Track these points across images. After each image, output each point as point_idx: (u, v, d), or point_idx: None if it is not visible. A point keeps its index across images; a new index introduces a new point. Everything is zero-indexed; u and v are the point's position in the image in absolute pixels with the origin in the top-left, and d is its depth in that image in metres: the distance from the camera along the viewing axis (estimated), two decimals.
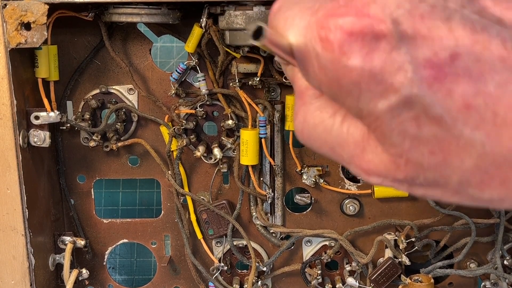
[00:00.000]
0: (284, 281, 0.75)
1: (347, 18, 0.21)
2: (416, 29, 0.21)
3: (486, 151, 0.20)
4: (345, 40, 0.21)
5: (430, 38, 0.21)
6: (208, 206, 0.70)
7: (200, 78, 0.66)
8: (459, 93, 0.20)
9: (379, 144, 0.23)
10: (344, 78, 0.22)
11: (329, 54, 0.22)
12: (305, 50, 0.23)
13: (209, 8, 0.59)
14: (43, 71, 0.60)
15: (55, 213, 0.70)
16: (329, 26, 0.22)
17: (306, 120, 0.26)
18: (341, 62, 0.22)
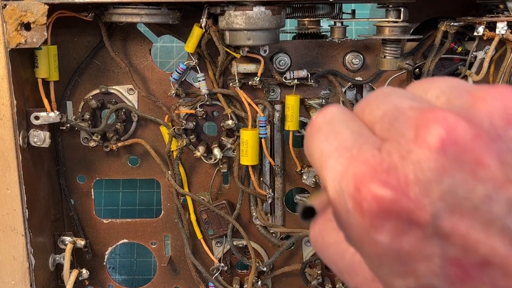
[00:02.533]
0: (284, 281, 0.75)
1: (387, 192, 0.20)
2: (454, 227, 0.20)
3: None
4: (378, 214, 0.20)
5: (466, 239, 0.20)
6: (208, 206, 0.70)
7: (200, 78, 0.66)
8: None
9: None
10: (368, 246, 0.21)
11: (359, 219, 0.21)
12: (337, 198, 0.22)
13: (209, 8, 0.59)
14: (43, 71, 0.60)
15: (55, 213, 0.70)
16: (366, 191, 0.20)
17: (322, 235, 0.26)
18: (369, 232, 0.21)
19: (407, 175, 0.20)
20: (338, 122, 0.24)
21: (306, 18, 0.71)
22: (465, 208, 0.20)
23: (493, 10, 0.61)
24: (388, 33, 0.60)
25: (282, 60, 0.66)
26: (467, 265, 0.20)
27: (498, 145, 0.20)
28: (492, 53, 0.62)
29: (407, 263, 0.20)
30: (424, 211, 0.20)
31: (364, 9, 0.83)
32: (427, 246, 0.20)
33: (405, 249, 0.20)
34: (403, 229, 0.20)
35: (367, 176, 0.20)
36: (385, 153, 0.21)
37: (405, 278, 0.21)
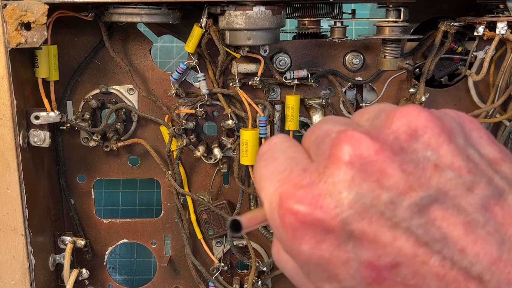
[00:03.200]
0: (284, 281, 0.75)
1: (302, 206, 0.22)
2: (364, 231, 0.22)
3: None
4: (298, 226, 0.23)
5: (375, 242, 0.22)
6: (208, 206, 0.70)
7: (200, 78, 0.66)
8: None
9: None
10: (296, 256, 0.24)
11: (284, 233, 0.23)
12: (270, 215, 0.24)
13: (209, 8, 0.59)
14: (43, 71, 0.60)
15: (55, 213, 0.70)
16: (286, 207, 0.23)
17: (279, 254, 0.28)
18: (294, 244, 0.23)
19: (321, 189, 0.23)
20: (277, 149, 0.27)
21: (306, 18, 0.71)
22: (372, 213, 0.22)
23: (493, 10, 0.61)
24: (388, 33, 0.60)
25: (282, 60, 0.66)
26: (379, 267, 0.22)
27: (401, 157, 0.22)
28: (492, 53, 0.62)
29: (328, 268, 0.23)
30: (335, 219, 0.22)
31: (364, 9, 0.83)
32: (343, 252, 0.22)
33: (325, 256, 0.22)
34: (321, 237, 0.22)
35: (288, 193, 0.23)
36: (308, 172, 0.24)
37: (330, 282, 0.23)
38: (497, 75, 0.64)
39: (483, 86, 0.67)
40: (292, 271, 0.27)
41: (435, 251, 0.21)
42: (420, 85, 0.64)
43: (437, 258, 0.21)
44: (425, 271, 0.21)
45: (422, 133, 0.23)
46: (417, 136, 0.23)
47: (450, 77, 0.68)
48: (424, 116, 0.23)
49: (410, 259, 0.21)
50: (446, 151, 0.23)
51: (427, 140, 0.23)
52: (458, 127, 0.24)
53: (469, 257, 0.21)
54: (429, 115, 0.23)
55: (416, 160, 0.22)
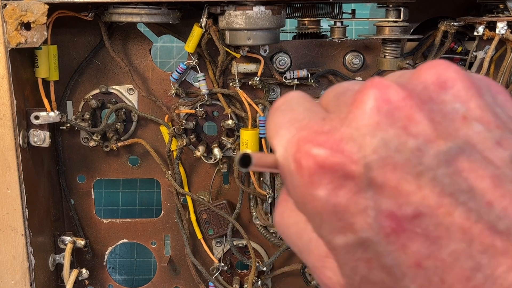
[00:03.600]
0: (284, 281, 0.75)
1: (322, 150, 0.22)
2: (386, 178, 0.21)
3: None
4: (315, 170, 0.22)
5: (398, 191, 0.21)
6: (208, 206, 0.70)
7: (200, 78, 0.66)
8: (413, 250, 0.21)
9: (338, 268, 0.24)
10: (309, 204, 0.23)
11: (299, 178, 0.22)
12: (283, 163, 0.24)
13: (209, 8, 0.59)
14: (43, 71, 0.60)
15: (55, 213, 0.70)
16: (305, 151, 0.22)
17: (283, 217, 0.27)
18: (308, 189, 0.22)
19: (343, 133, 0.22)
20: (294, 101, 0.26)
21: (306, 18, 0.71)
22: (396, 160, 0.21)
23: (493, 10, 0.61)
24: (388, 33, 0.60)
25: (282, 60, 0.66)
26: (400, 217, 0.21)
27: (429, 106, 0.22)
28: (492, 53, 0.62)
29: (344, 217, 0.21)
30: (357, 164, 0.21)
31: (364, 9, 0.83)
32: (361, 199, 0.21)
33: (341, 203, 0.21)
34: (339, 183, 0.21)
35: (307, 138, 0.22)
36: (328, 120, 0.23)
37: (344, 233, 0.22)
38: (497, 75, 0.64)
39: None
40: (295, 236, 0.26)
41: (461, 203, 0.20)
42: None
43: (463, 210, 0.20)
44: (449, 223, 0.20)
45: (452, 85, 0.23)
46: (446, 88, 0.23)
47: None
48: (454, 69, 0.23)
49: (434, 210, 0.20)
50: (475, 105, 0.22)
51: (456, 92, 0.22)
52: (486, 87, 0.24)
53: (496, 211, 0.20)
54: (459, 69, 0.23)
55: (445, 111, 0.22)
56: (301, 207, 0.24)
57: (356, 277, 0.22)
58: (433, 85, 0.23)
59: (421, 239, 0.20)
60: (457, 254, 0.20)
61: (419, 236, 0.20)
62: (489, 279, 0.19)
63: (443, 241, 0.20)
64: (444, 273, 0.20)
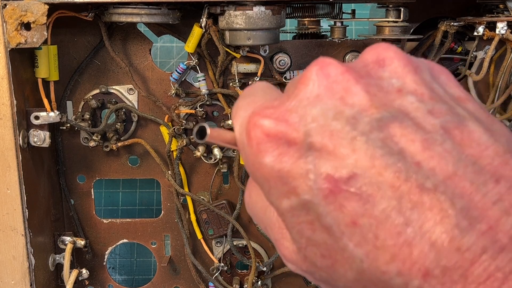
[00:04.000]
0: (284, 281, 0.75)
1: (268, 120, 0.24)
2: (324, 144, 0.23)
3: (363, 268, 0.22)
4: (262, 139, 0.24)
5: (334, 154, 0.22)
6: (208, 206, 0.70)
7: (200, 78, 0.66)
8: (349, 209, 0.22)
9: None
10: (258, 172, 0.24)
11: (249, 149, 0.24)
12: (239, 137, 0.26)
13: (209, 8, 0.59)
14: (43, 71, 0.60)
15: (55, 213, 0.70)
16: (254, 122, 0.24)
17: (251, 196, 0.29)
18: (257, 158, 0.24)
19: (287, 106, 0.24)
20: (257, 88, 0.29)
21: (306, 18, 0.71)
22: (333, 127, 0.23)
23: (493, 10, 0.61)
24: (388, 33, 0.60)
25: (282, 60, 0.66)
26: (336, 179, 0.22)
27: (366, 80, 0.24)
28: (492, 53, 0.62)
29: (288, 181, 0.23)
30: (298, 131, 0.23)
31: (364, 9, 0.83)
32: (303, 164, 0.23)
33: (285, 168, 0.23)
34: (283, 149, 0.23)
35: (257, 113, 0.25)
36: (278, 98, 0.25)
37: (289, 197, 0.24)
38: (497, 75, 0.64)
39: (483, 86, 0.67)
40: (260, 212, 0.28)
41: (391, 163, 0.22)
42: None
43: (393, 170, 0.22)
44: (380, 181, 0.22)
45: (390, 63, 0.25)
46: (384, 65, 0.25)
47: None
48: (393, 49, 0.25)
49: (366, 170, 0.22)
50: (411, 80, 0.24)
51: (393, 69, 0.24)
52: (426, 67, 0.25)
53: (424, 170, 0.21)
54: (398, 49, 0.25)
55: (381, 85, 0.24)
56: (253, 178, 0.26)
57: (302, 240, 0.24)
58: (372, 63, 0.25)
59: (356, 198, 0.22)
60: (389, 211, 0.21)
61: (354, 195, 0.22)
62: (418, 233, 0.21)
63: (376, 199, 0.22)
64: (377, 229, 0.22)
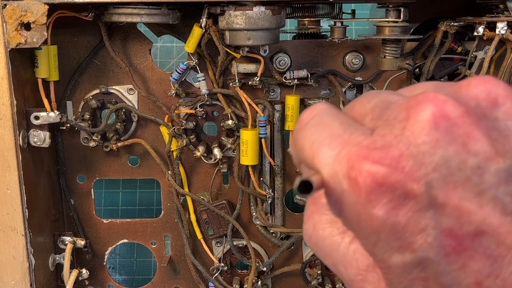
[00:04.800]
0: (284, 281, 0.75)
1: (381, 167, 0.21)
2: (448, 197, 0.21)
3: None
4: (374, 188, 0.21)
5: (459, 209, 0.20)
6: (208, 206, 0.70)
7: (200, 78, 0.66)
8: (473, 269, 0.20)
9: (383, 282, 0.23)
10: (365, 223, 0.22)
11: (354, 196, 0.22)
12: (331, 181, 0.23)
13: (209, 8, 0.59)
14: (43, 71, 0.60)
15: (55, 213, 0.70)
16: (361, 168, 0.21)
17: (316, 229, 0.26)
18: (365, 208, 0.21)
19: (401, 150, 0.21)
20: (325, 115, 0.25)
21: (306, 18, 0.71)
22: (458, 178, 0.20)
23: (493, 10, 0.61)
24: (388, 33, 0.60)
25: (282, 60, 0.66)
26: (461, 236, 0.20)
27: (485, 123, 0.21)
28: (492, 53, 0.62)
29: (403, 236, 0.21)
30: (418, 182, 0.21)
31: (364, 9, 0.83)
32: (422, 218, 0.21)
33: (401, 222, 0.21)
34: (399, 202, 0.21)
35: (361, 154, 0.21)
36: (378, 135, 0.22)
37: (402, 252, 0.21)
38: (497, 75, 0.64)
39: None
40: (330, 248, 0.25)
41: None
42: None
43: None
44: (511, 241, 0.20)
45: (503, 102, 0.22)
46: (498, 105, 0.22)
47: (450, 77, 0.68)
48: (503, 86, 0.23)
49: (495, 229, 0.20)
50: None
51: (507, 110, 0.22)
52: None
53: None
54: (507, 86, 0.23)
55: (499, 128, 0.22)
56: (353, 225, 0.23)
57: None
58: (485, 101, 0.22)
59: (482, 258, 0.20)
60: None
61: (480, 255, 0.20)
62: None
63: (505, 260, 0.20)
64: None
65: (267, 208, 0.71)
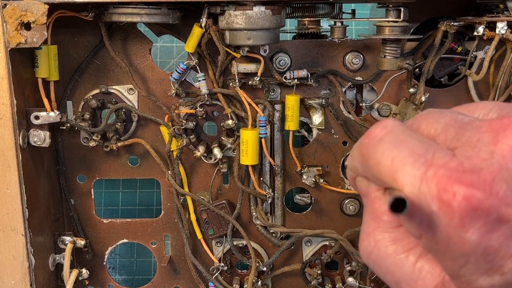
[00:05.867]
0: (284, 281, 0.75)
1: (475, 191, 0.21)
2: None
3: None
4: (468, 213, 0.21)
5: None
6: (208, 206, 0.70)
7: (200, 78, 0.66)
8: None
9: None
10: (455, 245, 0.22)
11: (446, 219, 0.22)
12: (417, 201, 0.22)
13: (209, 8, 0.59)
14: (43, 71, 0.60)
15: (55, 213, 0.70)
16: (453, 191, 0.21)
17: (378, 246, 0.26)
18: (457, 231, 0.21)
19: (493, 174, 0.21)
20: (400, 132, 0.25)
21: (306, 18, 0.71)
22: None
23: (493, 10, 0.61)
24: (388, 33, 0.60)
25: (282, 60, 0.66)
26: None
27: None
28: (492, 53, 0.62)
29: (494, 260, 0.21)
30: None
31: (364, 9, 0.83)
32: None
33: (493, 246, 0.21)
34: (492, 226, 0.21)
35: (452, 177, 0.21)
36: (463, 157, 0.22)
37: (491, 275, 0.21)
38: (497, 75, 0.64)
39: (483, 86, 0.67)
40: (393, 266, 0.25)
41: None
42: (420, 85, 0.64)
43: None
44: None
45: None
46: None
47: (450, 77, 0.68)
48: None
49: None
50: None
51: None
52: None
53: None
54: None
55: None
56: (439, 247, 0.23)
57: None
58: None
59: None
60: None
61: None
62: None
63: None
64: None
65: (267, 208, 0.71)
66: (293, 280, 0.75)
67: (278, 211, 0.71)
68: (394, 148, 0.24)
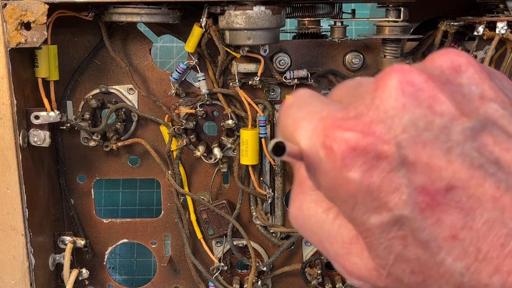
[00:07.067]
0: (284, 281, 0.75)
1: (353, 133, 0.22)
2: (418, 155, 0.22)
3: (463, 282, 0.22)
4: (348, 153, 0.22)
5: (429, 167, 0.22)
6: (208, 206, 0.70)
7: (200, 78, 0.66)
8: (447, 223, 0.21)
9: (366, 251, 0.24)
10: (342, 187, 0.23)
11: (330, 163, 0.23)
12: (309, 152, 0.24)
13: (209, 8, 0.59)
14: (43, 71, 0.60)
15: (55, 213, 0.70)
16: (335, 136, 0.23)
17: (301, 209, 0.27)
18: (341, 173, 0.23)
19: (371, 117, 0.23)
20: (306, 96, 0.27)
21: (306, 18, 0.71)
22: (426, 138, 0.22)
23: (493, 10, 0.61)
24: (388, 32, 0.60)
25: (282, 60, 0.66)
26: (433, 191, 0.21)
27: (449, 87, 0.23)
28: (492, 52, 0.62)
29: (378, 196, 0.22)
30: (389, 143, 0.22)
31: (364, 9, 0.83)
32: (395, 178, 0.22)
33: (375, 183, 0.22)
34: (372, 163, 0.22)
35: (335, 124, 0.23)
36: (351, 108, 0.24)
37: (379, 212, 0.22)
38: None
39: None
40: (315, 226, 0.26)
41: (490, 174, 0.21)
42: None
43: (493, 181, 0.21)
44: (481, 193, 0.21)
45: (466, 69, 0.24)
46: (461, 71, 0.24)
47: None
48: (465, 55, 0.25)
49: (465, 182, 0.21)
50: (488, 86, 0.24)
51: (470, 75, 0.24)
52: (492, 72, 0.25)
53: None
54: (469, 55, 0.25)
55: (462, 92, 0.23)
56: (331, 193, 0.24)
57: (390, 256, 0.23)
58: (448, 69, 0.24)
59: (455, 211, 0.21)
60: (491, 223, 0.21)
61: (453, 208, 0.21)
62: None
63: (477, 212, 0.21)
64: (479, 242, 0.21)
65: (267, 208, 0.71)
66: (293, 280, 0.75)
67: (278, 211, 0.71)
68: (297, 111, 0.26)
